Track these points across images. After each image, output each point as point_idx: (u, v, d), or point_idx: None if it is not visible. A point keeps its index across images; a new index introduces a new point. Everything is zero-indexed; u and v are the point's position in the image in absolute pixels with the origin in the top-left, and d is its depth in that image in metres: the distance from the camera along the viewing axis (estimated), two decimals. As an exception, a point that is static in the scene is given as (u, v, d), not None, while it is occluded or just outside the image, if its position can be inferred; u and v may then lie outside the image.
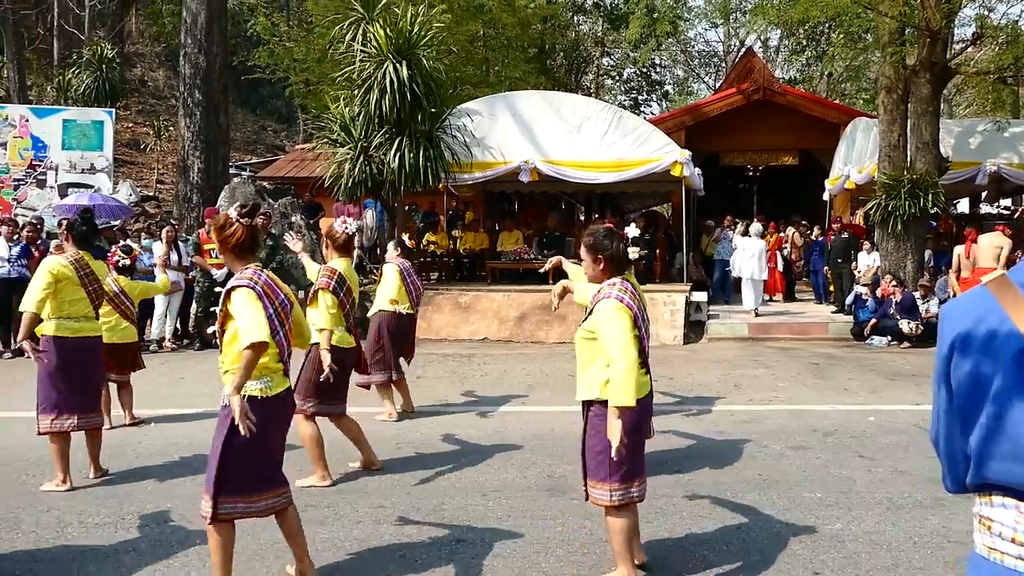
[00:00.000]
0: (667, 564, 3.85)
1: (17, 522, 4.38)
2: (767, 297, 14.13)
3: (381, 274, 6.97)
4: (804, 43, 24.70)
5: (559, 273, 4.87)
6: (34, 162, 14.21)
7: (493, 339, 11.50)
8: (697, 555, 3.94)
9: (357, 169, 11.70)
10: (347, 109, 12.08)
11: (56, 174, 14.25)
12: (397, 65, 11.29)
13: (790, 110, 16.07)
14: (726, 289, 14.34)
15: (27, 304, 4.90)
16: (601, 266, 3.59)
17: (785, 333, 11.67)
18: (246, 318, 3.25)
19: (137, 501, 4.71)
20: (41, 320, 5.00)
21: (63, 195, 13.88)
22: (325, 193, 12.56)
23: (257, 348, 3.21)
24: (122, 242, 9.87)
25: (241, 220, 3.43)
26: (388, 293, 6.67)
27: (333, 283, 5.05)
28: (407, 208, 13.98)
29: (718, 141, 16.88)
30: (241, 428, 3.12)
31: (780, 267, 14.65)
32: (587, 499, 3.61)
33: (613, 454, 3.31)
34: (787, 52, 29.63)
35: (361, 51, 11.68)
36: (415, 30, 11.60)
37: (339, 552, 3.97)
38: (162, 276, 6.81)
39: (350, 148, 11.83)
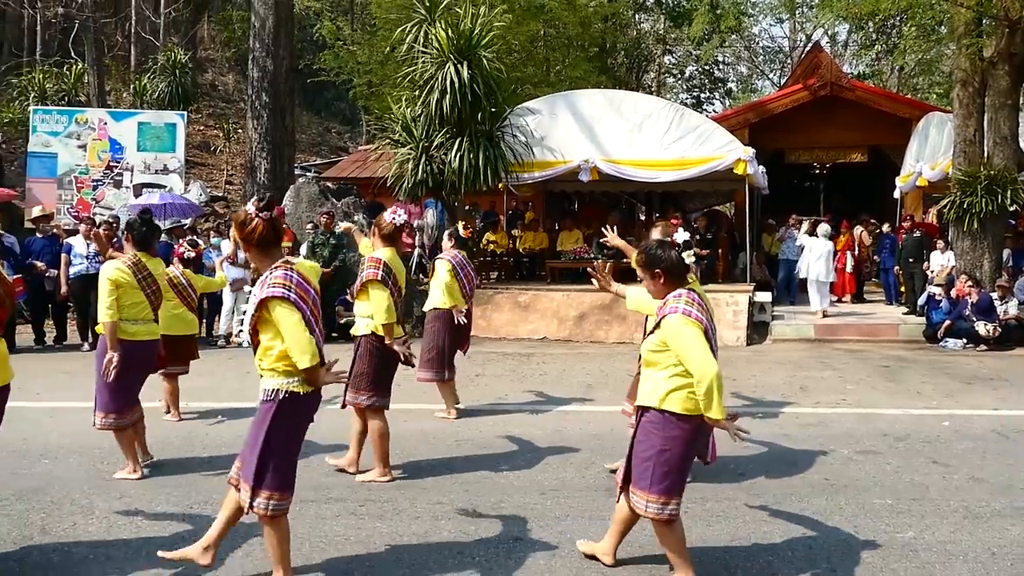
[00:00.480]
0: (730, 570, 3.76)
1: (91, 508, 4.54)
2: (835, 298, 13.75)
3: (433, 270, 6.98)
4: (874, 37, 23.95)
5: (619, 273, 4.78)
6: (111, 163, 14.76)
7: (552, 338, 11.47)
8: (761, 561, 3.84)
9: (419, 169, 11.81)
10: (409, 110, 12.20)
11: (132, 174, 14.78)
12: (458, 66, 11.36)
13: (859, 106, 15.61)
14: (791, 289, 14.00)
15: (103, 316, 5.03)
16: (661, 280, 3.52)
17: (853, 335, 11.33)
18: (294, 339, 3.27)
19: (203, 491, 4.83)
20: (95, 335, 5.13)
21: (138, 195, 14.38)
22: (387, 193, 12.72)
23: (312, 360, 3.27)
24: (188, 237, 10.17)
25: (260, 215, 3.41)
26: (439, 290, 6.65)
27: (381, 272, 5.03)
28: (467, 208, 14.05)
29: (783, 138, 16.50)
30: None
31: (849, 267, 14.23)
32: (618, 500, 3.62)
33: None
34: (856, 47, 28.78)
35: (423, 52, 11.79)
36: (476, 31, 11.65)
37: (397, 547, 4.00)
38: (220, 273, 7.00)
39: (411, 148, 11.95)
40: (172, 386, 6.62)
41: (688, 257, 3.52)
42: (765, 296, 12.18)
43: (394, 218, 5.23)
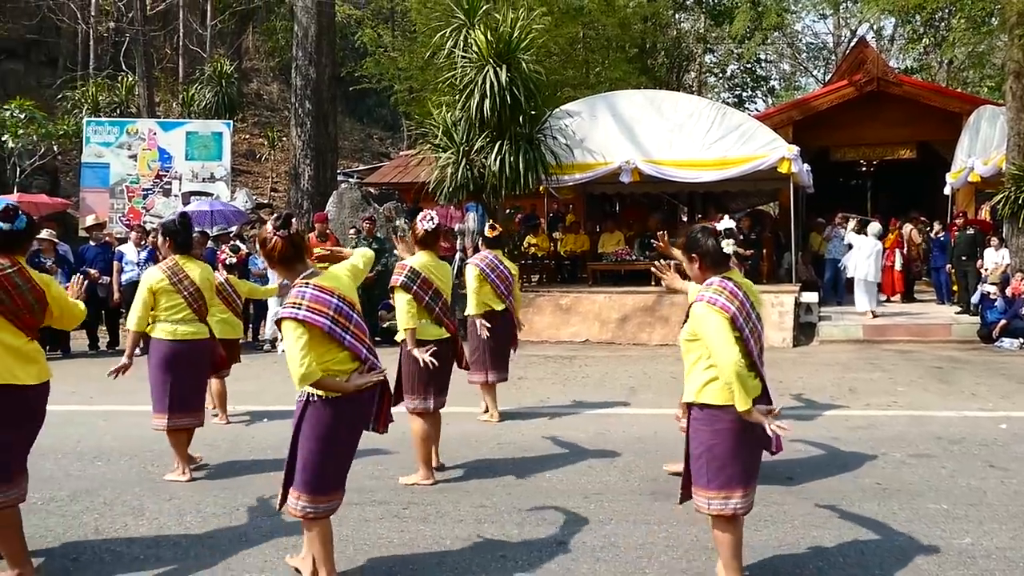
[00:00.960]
0: (779, 574, 3.68)
1: (142, 509, 4.64)
2: (883, 297, 13.43)
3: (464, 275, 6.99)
4: (921, 30, 23.37)
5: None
6: (160, 172, 15.12)
7: (594, 341, 11.40)
8: (811, 566, 3.75)
9: (459, 173, 11.86)
10: (449, 114, 12.27)
11: (180, 183, 15.12)
12: (497, 69, 11.38)
13: (906, 101, 15.24)
14: (838, 289, 13.72)
15: (131, 323, 5.25)
16: (697, 265, 3.49)
17: (903, 335, 11.05)
18: (289, 357, 3.32)
19: (250, 493, 4.90)
20: (145, 335, 5.29)
21: (186, 203, 14.69)
22: (429, 197, 12.80)
23: (304, 380, 3.31)
24: (231, 243, 10.36)
25: (278, 233, 3.46)
26: (470, 295, 6.62)
27: (402, 278, 5.10)
28: (508, 211, 14.07)
29: (828, 136, 16.19)
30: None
31: (898, 266, 13.90)
32: (681, 502, 3.56)
33: None
34: (903, 41, 28.14)
35: (462, 57, 11.84)
36: (515, 34, 11.67)
37: (441, 550, 4.00)
38: (272, 284, 7.09)
39: (452, 152, 12.01)
40: (220, 388, 6.74)
41: (728, 246, 3.43)
42: (812, 296, 11.95)
43: (424, 224, 5.26)
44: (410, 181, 16.71)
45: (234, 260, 6.96)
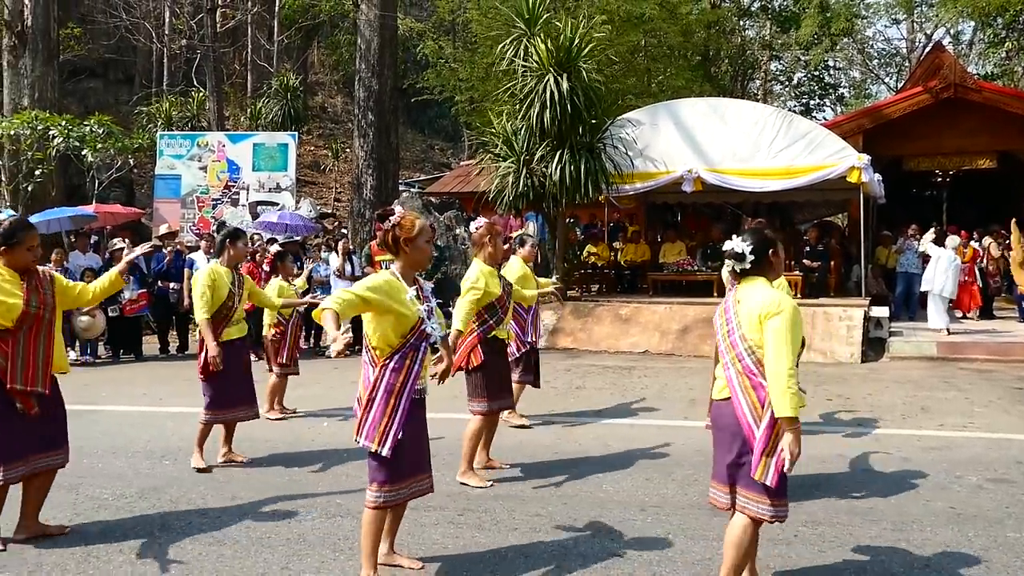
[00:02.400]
0: (844, 595, 3.54)
1: (205, 508, 4.73)
2: (959, 313, 12.89)
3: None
4: (1003, 34, 22.46)
5: None
6: (229, 183, 15.57)
7: (654, 352, 11.24)
8: (879, 588, 3.59)
9: (519, 182, 11.88)
10: (510, 124, 12.30)
11: (247, 193, 15.53)
12: (558, 78, 11.38)
13: (986, 108, 14.63)
14: (910, 304, 13.23)
15: (200, 314, 5.47)
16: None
17: (981, 353, 10.57)
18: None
19: (308, 494, 4.95)
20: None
21: (253, 213, 15.08)
22: (489, 207, 12.84)
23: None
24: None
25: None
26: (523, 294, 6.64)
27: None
28: (568, 220, 14.02)
29: (901, 145, 15.64)
30: None
31: (978, 282, 13.33)
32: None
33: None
34: (983, 45, 27.11)
35: (523, 66, 11.87)
36: (576, 43, 11.65)
37: (495, 558, 3.97)
38: (278, 300, 7.06)
39: (512, 162, 12.04)
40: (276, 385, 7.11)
41: (730, 264, 3.46)
42: (882, 311, 11.55)
43: (477, 227, 5.31)
44: (470, 191, 16.82)
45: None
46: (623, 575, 3.75)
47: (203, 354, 5.50)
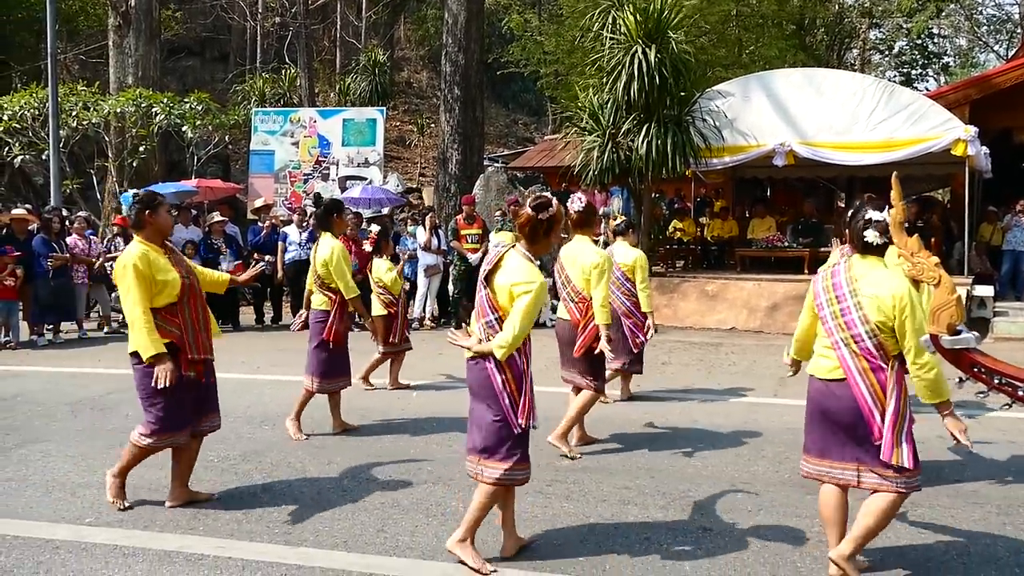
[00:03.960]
0: (945, 580, 3.44)
1: (304, 470, 4.96)
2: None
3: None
4: None
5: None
6: (320, 158, 15.98)
7: (741, 329, 11.03)
8: (981, 574, 3.47)
9: (605, 156, 11.75)
10: (596, 97, 12.16)
11: (337, 168, 15.92)
12: (646, 49, 11.16)
13: (1108, 75, 13.62)
14: (1017, 284, 12.54)
15: (352, 290, 5.67)
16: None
17: (1096, 335, 9.96)
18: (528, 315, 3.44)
19: (401, 461, 5.11)
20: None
21: (342, 187, 15.45)
22: (574, 181, 12.78)
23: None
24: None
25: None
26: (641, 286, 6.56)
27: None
28: (655, 195, 13.83)
29: (1011, 116, 14.70)
30: None
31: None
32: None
33: None
34: (1104, 8, 25.21)
35: (610, 38, 11.69)
36: (665, 13, 11.38)
37: (584, 528, 4.02)
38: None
39: (598, 135, 11.91)
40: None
41: (870, 236, 3.28)
42: (986, 290, 11.00)
43: (575, 205, 5.27)
44: (555, 165, 16.76)
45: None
46: (715, 548, 3.75)
47: (332, 325, 5.67)
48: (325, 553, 3.73)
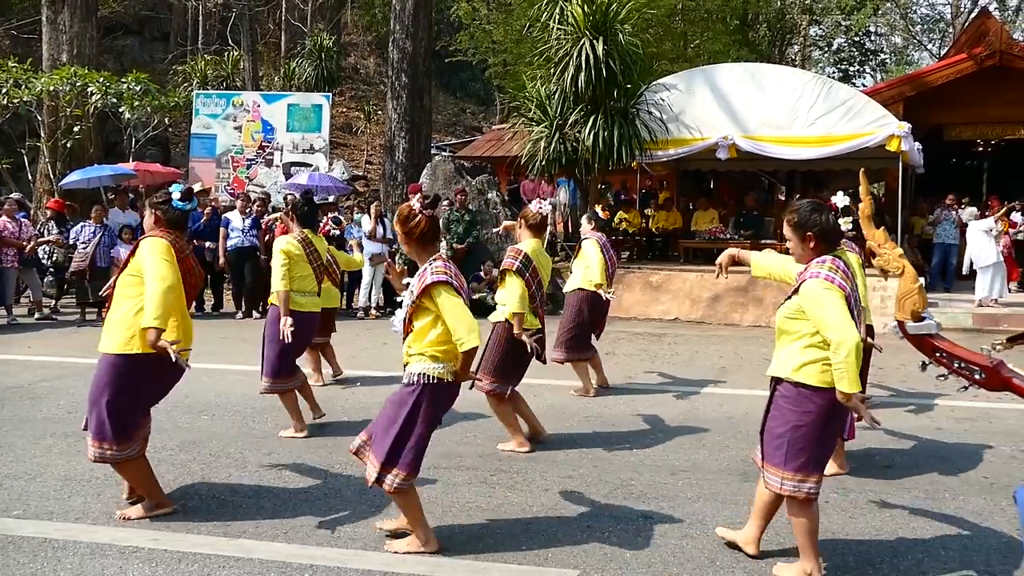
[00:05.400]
0: (874, 565, 3.56)
1: (244, 461, 4.87)
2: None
3: (579, 250, 6.94)
4: (1054, 0, 21.69)
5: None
6: (263, 143, 15.66)
7: (684, 319, 11.23)
8: (909, 558, 3.62)
9: (552, 147, 11.80)
10: (543, 88, 12.19)
11: (281, 154, 15.62)
12: (594, 41, 11.23)
13: (1033, 76, 14.20)
14: (947, 275, 13.03)
15: (277, 285, 5.43)
16: (812, 244, 3.32)
17: (1019, 325, 10.39)
18: (461, 320, 3.38)
19: (344, 452, 5.04)
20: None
21: (287, 173, 15.19)
22: (521, 171, 12.81)
23: (475, 352, 3.41)
24: (332, 214, 10.64)
25: (424, 211, 3.54)
26: (594, 271, 6.59)
27: (518, 263, 5.12)
28: (601, 187, 13.94)
29: (943, 113, 15.25)
30: None
31: (1012, 253, 13.08)
32: (763, 483, 3.45)
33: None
34: (1031, 12, 26.24)
35: (558, 28, 11.73)
36: (612, 5, 11.47)
37: (527, 518, 4.04)
38: (358, 255, 7.35)
39: (545, 126, 11.95)
40: (315, 355, 7.01)
41: (845, 223, 3.32)
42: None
43: (540, 208, 5.26)
44: (502, 155, 16.76)
45: (337, 232, 7.19)
46: (655, 536, 3.81)
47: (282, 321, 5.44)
48: (265, 544, 3.68)
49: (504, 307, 5.17)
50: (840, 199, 3.43)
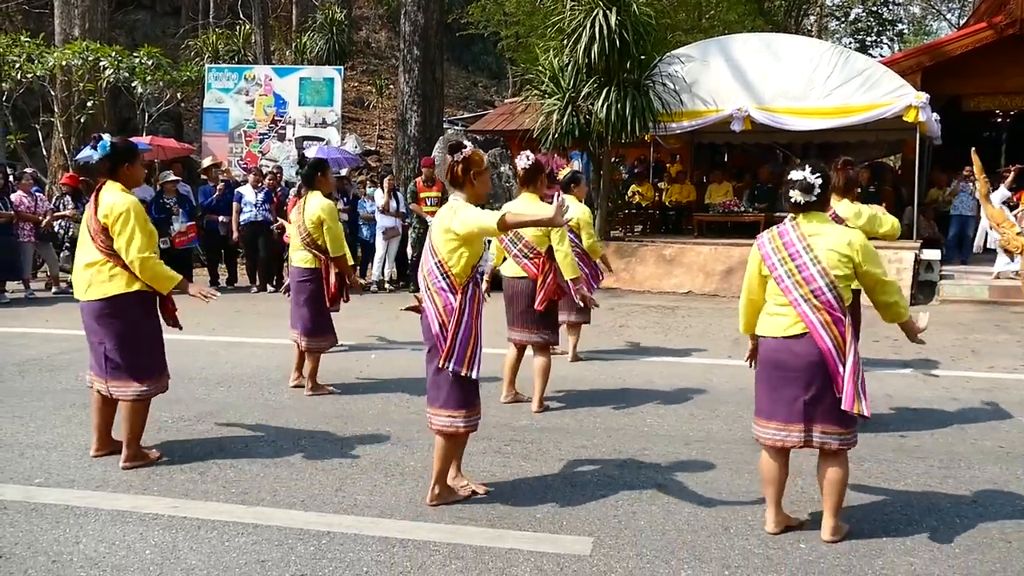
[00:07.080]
0: (888, 531, 3.57)
1: (261, 431, 4.92)
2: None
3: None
4: (1077, -33, 21.19)
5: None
6: (276, 117, 15.63)
7: (698, 293, 11.19)
8: (924, 525, 3.62)
9: (565, 120, 11.71)
10: (556, 60, 12.07)
11: (293, 128, 15.59)
12: (607, 12, 11.09)
13: (1054, 45, 13.93)
14: (963, 248, 12.90)
15: (342, 248, 5.74)
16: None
17: (1037, 299, 10.32)
18: (481, 215, 3.60)
19: (359, 421, 5.11)
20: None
21: (299, 147, 15.15)
22: (533, 144, 12.72)
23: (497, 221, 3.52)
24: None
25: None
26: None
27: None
28: (614, 159, 13.84)
29: (961, 84, 15.02)
30: None
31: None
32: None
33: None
34: (1054, -21, 25.64)
35: (571, 0, 11.59)
36: (626, -25, 11.31)
37: (542, 487, 4.07)
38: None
39: (558, 99, 11.85)
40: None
41: (796, 195, 3.39)
42: (933, 253, 11.30)
43: (522, 162, 5.26)
44: (514, 128, 16.64)
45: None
46: (670, 505, 3.83)
47: (330, 283, 5.74)
48: (283, 512, 3.72)
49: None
50: (798, 173, 3.45)
